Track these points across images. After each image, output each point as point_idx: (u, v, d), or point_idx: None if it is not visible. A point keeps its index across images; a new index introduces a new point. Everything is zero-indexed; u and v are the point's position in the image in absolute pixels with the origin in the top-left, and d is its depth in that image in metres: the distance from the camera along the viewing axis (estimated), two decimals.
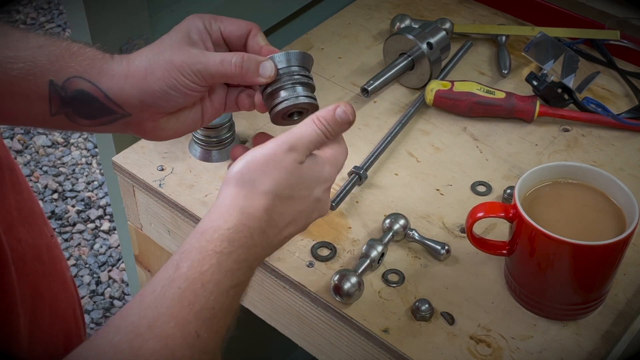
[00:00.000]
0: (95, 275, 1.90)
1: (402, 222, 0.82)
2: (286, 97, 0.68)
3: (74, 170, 2.17)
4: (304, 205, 0.65)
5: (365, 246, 0.80)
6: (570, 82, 0.96)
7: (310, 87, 0.70)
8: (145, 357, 0.53)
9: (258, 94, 0.71)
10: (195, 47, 0.69)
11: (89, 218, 2.04)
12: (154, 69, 0.67)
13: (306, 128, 0.64)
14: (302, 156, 0.63)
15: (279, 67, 0.69)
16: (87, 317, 1.80)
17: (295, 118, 0.71)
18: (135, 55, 0.69)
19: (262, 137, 0.68)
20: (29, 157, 2.20)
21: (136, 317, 0.55)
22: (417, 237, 0.82)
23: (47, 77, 0.66)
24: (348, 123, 0.65)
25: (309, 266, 0.80)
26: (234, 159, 0.65)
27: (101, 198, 2.09)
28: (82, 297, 1.85)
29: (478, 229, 0.79)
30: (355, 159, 0.91)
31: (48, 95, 0.67)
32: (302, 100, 0.69)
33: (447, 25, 1.10)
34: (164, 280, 0.57)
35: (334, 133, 0.65)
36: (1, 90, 0.66)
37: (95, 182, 2.13)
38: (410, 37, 1.01)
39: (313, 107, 0.70)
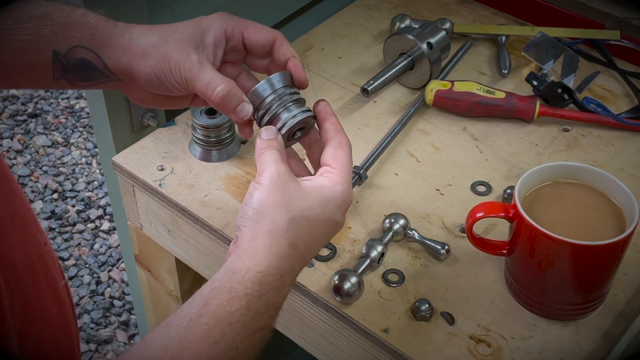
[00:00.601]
0: (95, 275, 1.90)
1: (402, 222, 0.82)
2: (285, 119, 0.69)
3: (74, 170, 2.17)
4: (325, 230, 0.65)
5: (365, 246, 0.80)
6: (570, 82, 0.96)
7: (301, 102, 0.71)
8: None
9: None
10: (202, 52, 0.69)
11: (89, 218, 2.04)
12: (151, 54, 0.68)
13: (263, 158, 0.65)
14: (290, 174, 0.64)
15: (266, 94, 0.69)
16: (87, 317, 1.80)
17: (297, 135, 0.72)
18: (141, 32, 0.70)
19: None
20: (29, 157, 2.20)
21: (160, 349, 0.55)
22: (417, 237, 0.82)
23: (50, 48, 0.68)
24: (276, 135, 0.67)
25: (309, 266, 0.80)
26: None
27: (101, 198, 2.09)
28: (82, 297, 1.85)
29: (478, 229, 0.79)
30: (355, 159, 0.91)
31: (51, 64, 0.69)
32: (301, 116, 0.69)
33: (447, 25, 1.10)
34: (191, 314, 0.57)
35: (278, 146, 0.66)
36: (5, 60, 0.67)
37: (95, 182, 2.13)
38: (410, 37, 1.01)
39: (312, 119, 0.71)
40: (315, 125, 0.72)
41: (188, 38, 0.69)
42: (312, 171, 0.73)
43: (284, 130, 0.69)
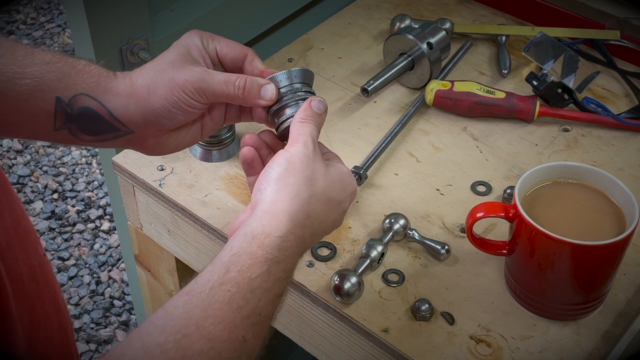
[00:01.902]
0: (95, 275, 1.90)
1: (402, 222, 0.82)
2: (291, 114, 0.69)
3: (74, 170, 2.17)
4: (335, 213, 0.67)
5: (365, 246, 0.80)
6: (570, 82, 0.96)
7: None
8: (192, 358, 0.53)
9: (258, 110, 0.72)
10: (196, 64, 0.69)
11: (89, 218, 2.04)
12: (157, 87, 0.68)
13: (303, 127, 0.66)
14: (318, 154, 0.66)
15: (282, 85, 0.70)
16: (87, 317, 1.80)
17: None
18: (138, 73, 0.69)
19: (250, 138, 0.70)
20: (29, 157, 2.20)
21: (183, 316, 0.55)
22: (417, 237, 0.82)
23: (54, 94, 0.67)
24: (324, 111, 0.69)
25: (309, 266, 0.80)
26: (244, 145, 0.69)
27: (101, 198, 2.09)
28: (82, 297, 1.85)
29: (478, 229, 0.79)
30: (355, 159, 0.91)
31: (54, 111, 0.67)
32: None
33: (447, 25, 1.10)
34: (213, 282, 0.57)
35: (319, 124, 0.68)
36: (7, 105, 0.66)
37: (95, 182, 2.13)
38: (410, 37, 1.01)
39: None
40: None
41: (179, 57, 0.69)
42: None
43: (286, 124, 0.69)
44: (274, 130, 0.72)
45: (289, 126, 0.69)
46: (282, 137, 0.71)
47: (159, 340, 0.54)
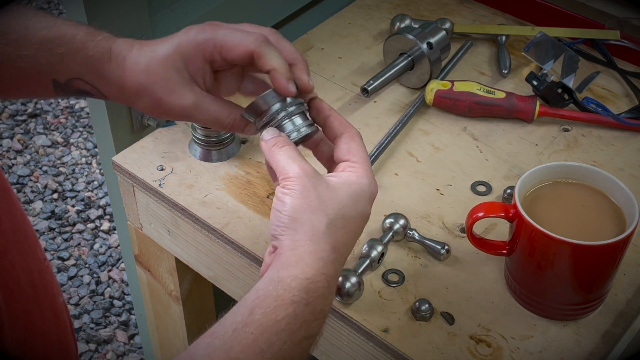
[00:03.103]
0: (95, 275, 1.90)
1: (402, 222, 0.82)
2: (290, 132, 0.68)
3: (74, 170, 2.17)
4: (359, 226, 0.65)
5: (365, 246, 0.80)
6: (570, 82, 0.96)
7: (305, 114, 0.70)
8: None
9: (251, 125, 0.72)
10: (192, 87, 0.68)
11: (89, 218, 2.04)
12: (143, 96, 0.69)
13: (280, 155, 0.64)
14: (314, 172, 0.63)
15: (272, 103, 0.68)
16: (87, 317, 1.80)
17: (299, 144, 0.71)
18: (130, 67, 0.68)
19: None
20: (28, 157, 2.20)
21: (205, 359, 0.54)
22: (417, 237, 0.82)
23: (50, 77, 0.68)
24: (277, 134, 0.66)
25: None
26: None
27: (101, 198, 2.09)
28: (82, 297, 1.85)
29: (478, 229, 0.79)
30: None
31: (52, 87, 0.70)
32: (305, 131, 0.68)
33: (447, 25, 1.10)
34: (236, 323, 0.56)
35: (286, 141, 0.65)
36: (6, 82, 0.68)
37: (95, 182, 2.13)
38: (410, 37, 1.01)
39: (314, 133, 0.70)
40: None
41: (173, 77, 0.67)
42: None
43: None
44: None
45: (296, 141, 0.67)
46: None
47: None
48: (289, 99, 0.68)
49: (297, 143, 0.69)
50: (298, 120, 0.68)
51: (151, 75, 0.68)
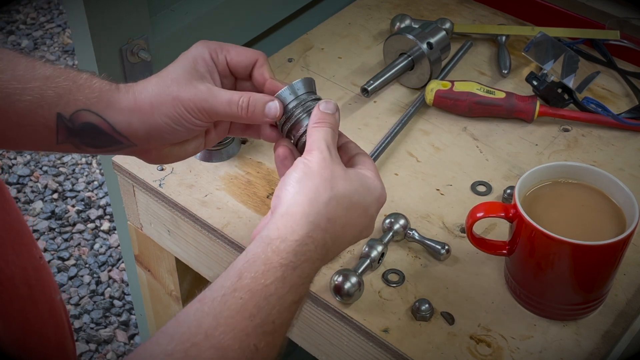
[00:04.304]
0: (95, 275, 1.90)
1: (402, 222, 0.82)
2: (307, 125, 0.68)
3: (74, 170, 2.17)
4: (362, 219, 0.65)
5: (365, 246, 0.80)
6: (570, 82, 0.96)
7: None
8: None
9: (266, 130, 0.72)
10: (203, 81, 0.68)
11: (89, 218, 2.04)
12: (160, 104, 0.67)
13: (316, 133, 0.65)
14: (337, 157, 0.64)
15: (288, 100, 0.69)
16: (87, 317, 1.80)
17: None
18: (141, 87, 0.68)
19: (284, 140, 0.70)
20: (28, 157, 2.20)
21: (193, 324, 0.54)
22: (417, 237, 0.82)
23: (54, 110, 0.66)
24: (335, 111, 0.68)
25: None
26: (279, 146, 0.69)
27: (101, 198, 2.09)
28: (82, 297, 1.85)
29: (478, 229, 0.79)
30: None
31: (55, 127, 0.67)
32: None
33: (447, 25, 1.10)
34: (225, 288, 0.56)
35: (333, 125, 0.67)
36: (9, 121, 0.65)
37: (95, 182, 2.13)
38: (410, 37, 1.01)
39: None
40: None
41: (184, 74, 0.68)
42: None
43: (305, 138, 0.68)
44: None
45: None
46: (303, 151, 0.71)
47: (167, 350, 0.53)
48: (303, 95, 0.69)
49: None
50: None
51: (163, 81, 0.68)
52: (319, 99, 0.70)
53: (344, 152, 0.70)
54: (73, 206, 2.07)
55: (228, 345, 0.53)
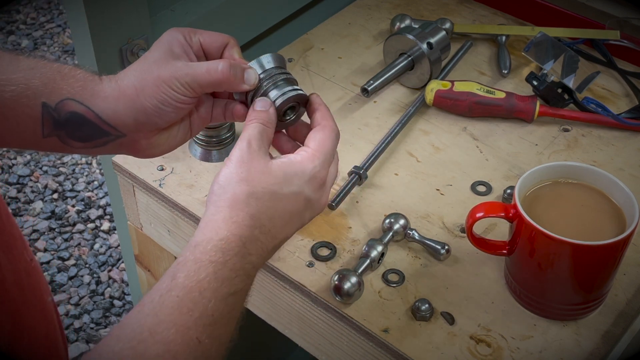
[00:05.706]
0: (95, 275, 1.90)
1: (402, 222, 0.82)
2: (275, 96, 0.68)
3: (74, 170, 2.17)
4: (293, 206, 0.66)
5: (365, 246, 0.80)
6: (570, 82, 0.96)
7: (292, 81, 0.70)
8: None
9: (237, 105, 0.72)
10: (180, 59, 0.69)
11: (89, 218, 2.04)
12: (144, 87, 0.67)
13: (243, 132, 0.66)
14: (262, 149, 0.65)
15: (258, 72, 0.69)
16: (87, 317, 1.81)
17: (289, 117, 0.71)
18: (123, 75, 0.68)
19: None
20: (28, 157, 2.20)
21: (136, 325, 0.56)
22: (417, 237, 0.82)
23: (39, 99, 0.66)
24: (269, 107, 0.68)
25: (309, 266, 0.80)
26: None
27: (101, 198, 2.09)
28: (82, 297, 1.85)
29: (478, 229, 0.79)
30: (355, 158, 0.91)
31: (41, 117, 0.66)
32: (291, 94, 0.69)
33: (447, 25, 1.10)
34: (162, 290, 0.58)
35: (264, 120, 0.67)
36: None
37: (95, 182, 2.13)
38: (410, 37, 1.01)
39: (303, 98, 0.70)
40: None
41: (162, 55, 0.68)
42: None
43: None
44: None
45: (282, 104, 0.68)
46: (280, 123, 0.71)
47: (115, 349, 0.54)
48: (271, 69, 0.69)
49: (285, 112, 0.70)
50: (283, 85, 0.69)
51: (143, 65, 0.68)
52: (289, 74, 0.70)
53: (311, 123, 0.70)
54: (73, 206, 2.07)
55: (172, 340, 0.55)
